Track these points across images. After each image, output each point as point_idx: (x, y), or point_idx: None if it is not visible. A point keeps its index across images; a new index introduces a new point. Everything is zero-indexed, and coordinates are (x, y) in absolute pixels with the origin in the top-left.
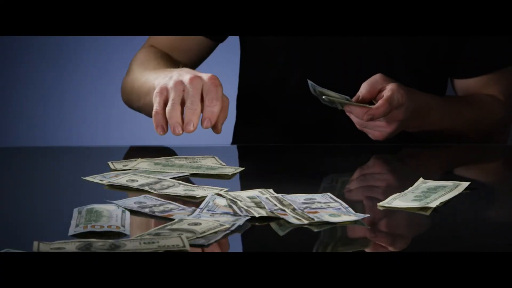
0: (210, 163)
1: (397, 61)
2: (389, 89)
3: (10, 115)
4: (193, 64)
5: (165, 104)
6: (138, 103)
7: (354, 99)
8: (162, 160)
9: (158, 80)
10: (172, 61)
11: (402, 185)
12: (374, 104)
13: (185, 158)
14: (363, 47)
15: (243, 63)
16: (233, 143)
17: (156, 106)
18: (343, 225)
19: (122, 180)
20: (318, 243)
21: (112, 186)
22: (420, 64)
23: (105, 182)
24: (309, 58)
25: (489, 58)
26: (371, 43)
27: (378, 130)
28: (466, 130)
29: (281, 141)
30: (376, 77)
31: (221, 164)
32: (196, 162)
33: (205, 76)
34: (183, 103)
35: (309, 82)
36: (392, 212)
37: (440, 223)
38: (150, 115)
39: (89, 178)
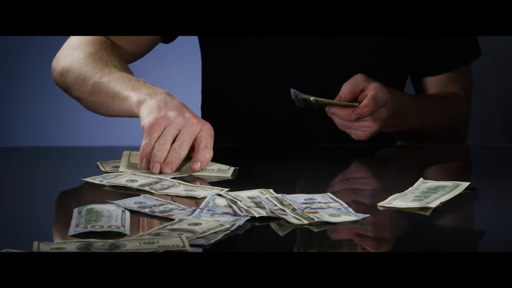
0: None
1: (371, 61)
2: (373, 87)
3: (10, 115)
4: (140, 53)
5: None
6: (86, 96)
7: (335, 99)
8: None
9: (139, 95)
10: (125, 58)
11: (402, 184)
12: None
13: None
14: (335, 48)
15: (205, 67)
16: None
17: (149, 139)
18: (342, 225)
19: (122, 180)
20: (317, 243)
21: (112, 187)
22: (392, 63)
23: (104, 182)
24: (278, 59)
25: (453, 56)
26: (344, 44)
27: (362, 130)
28: (437, 127)
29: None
30: (357, 77)
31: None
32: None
33: (204, 123)
34: (173, 140)
35: (292, 90)
36: (392, 212)
37: (440, 223)
38: (93, 111)
39: (89, 179)
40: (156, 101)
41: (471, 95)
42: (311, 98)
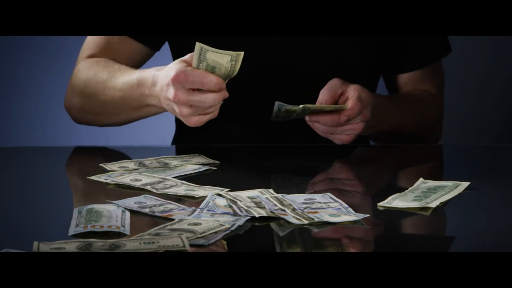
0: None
1: (344, 62)
2: (353, 89)
3: (10, 115)
4: (134, 66)
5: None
6: (119, 120)
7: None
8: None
9: (153, 101)
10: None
11: (402, 183)
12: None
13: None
14: (306, 49)
15: None
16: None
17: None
18: (343, 225)
19: (126, 179)
20: (318, 244)
21: (116, 185)
22: (366, 63)
23: (109, 180)
24: (252, 60)
25: (424, 53)
26: (316, 45)
27: (346, 133)
28: (413, 126)
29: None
30: (335, 81)
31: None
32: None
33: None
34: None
35: (277, 102)
36: (392, 212)
37: (440, 223)
38: (129, 122)
39: (94, 178)
40: (162, 100)
41: (443, 92)
42: (300, 106)
